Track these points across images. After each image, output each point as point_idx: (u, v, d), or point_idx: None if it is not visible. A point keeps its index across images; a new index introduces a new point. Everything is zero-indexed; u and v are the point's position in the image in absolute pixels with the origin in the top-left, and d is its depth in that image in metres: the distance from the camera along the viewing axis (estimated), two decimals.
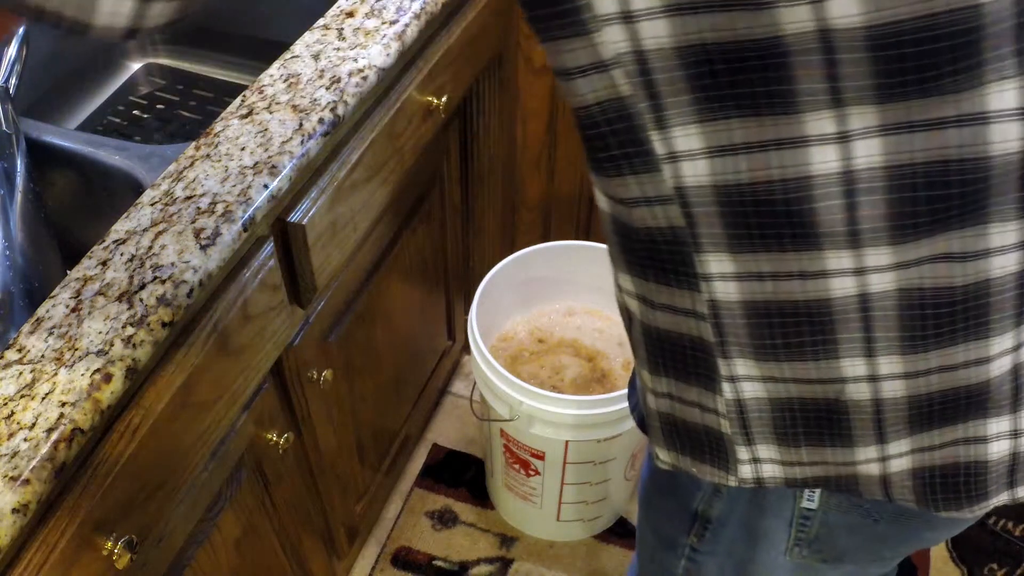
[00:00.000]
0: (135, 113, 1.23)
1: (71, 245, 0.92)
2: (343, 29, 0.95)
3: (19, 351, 0.67)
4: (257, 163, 0.80)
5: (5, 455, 0.60)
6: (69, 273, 0.72)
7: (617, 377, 1.38)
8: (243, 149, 0.82)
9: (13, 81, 0.98)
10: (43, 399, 0.63)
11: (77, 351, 0.66)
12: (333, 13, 0.98)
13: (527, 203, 1.58)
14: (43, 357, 0.66)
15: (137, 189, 0.88)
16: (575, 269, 1.40)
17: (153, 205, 0.77)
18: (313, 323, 0.97)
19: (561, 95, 0.50)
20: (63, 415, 0.62)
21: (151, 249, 0.73)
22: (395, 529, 1.49)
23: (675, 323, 0.54)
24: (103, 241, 0.74)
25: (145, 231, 0.75)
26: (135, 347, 0.67)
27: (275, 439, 0.94)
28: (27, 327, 0.68)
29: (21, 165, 0.90)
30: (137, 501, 0.71)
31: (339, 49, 0.93)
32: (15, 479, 0.59)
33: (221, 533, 0.91)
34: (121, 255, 0.73)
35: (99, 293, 0.70)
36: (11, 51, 1.00)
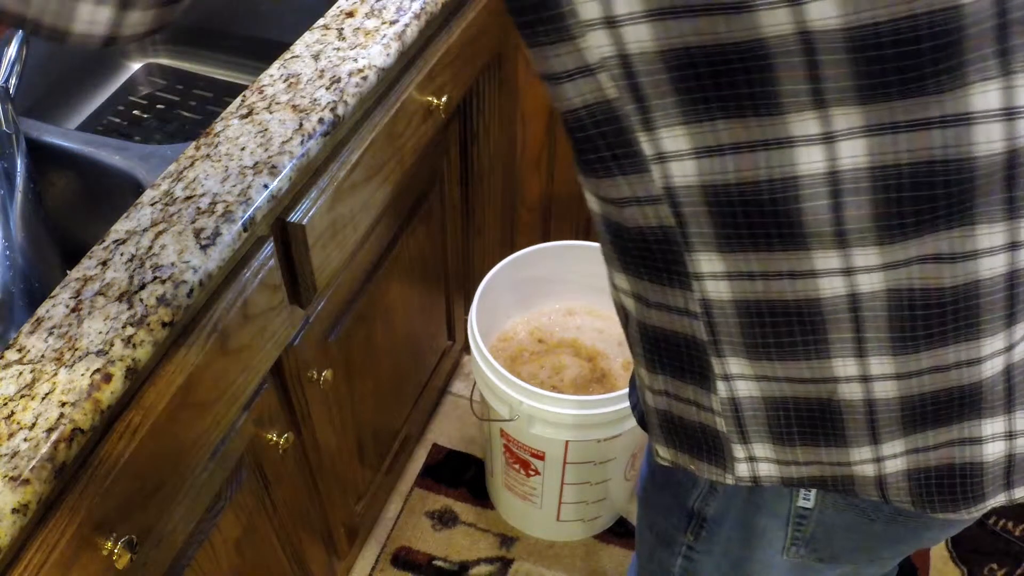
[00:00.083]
0: (135, 113, 1.23)
1: (71, 245, 0.92)
2: (343, 29, 0.95)
3: (19, 351, 0.67)
4: (257, 163, 0.80)
5: (5, 455, 0.60)
6: (69, 273, 0.72)
7: (617, 377, 1.38)
8: (243, 149, 0.82)
9: (13, 81, 0.98)
10: (43, 399, 0.63)
11: (77, 351, 0.66)
12: (333, 13, 0.98)
13: (527, 203, 1.58)
14: (43, 357, 0.66)
15: (137, 189, 0.88)
16: (575, 269, 1.40)
17: (153, 205, 0.77)
18: (313, 323, 0.97)
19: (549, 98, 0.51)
20: (63, 415, 0.62)
21: (151, 249, 0.73)
22: (395, 529, 1.49)
23: (669, 321, 0.54)
24: (103, 241, 0.74)
25: (145, 231, 0.75)
26: (135, 347, 0.67)
27: (275, 439, 0.94)
28: (27, 327, 0.68)
29: (21, 165, 0.90)
30: (137, 501, 0.71)
31: (339, 49, 0.93)
32: (15, 479, 0.59)
33: (221, 533, 0.91)
34: (121, 255, 0.73)
35: (99, 293, 0.70)
36: (11, 51, 1.00)
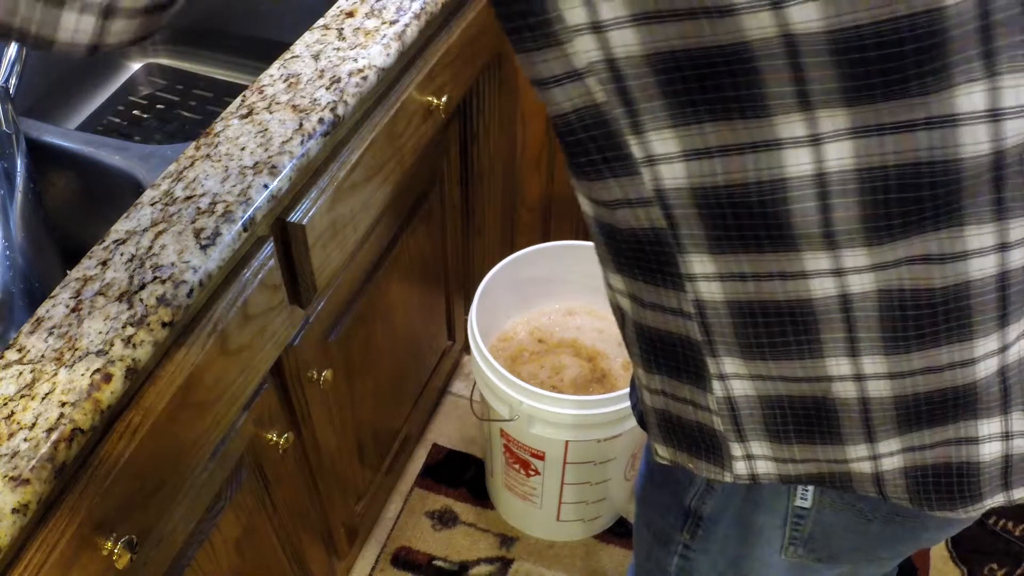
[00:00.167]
0: (135, 113, 1.23)
1: (71, 245, 0.92)
2: (343, 29, 0.95)
3: (19, 351, 0.67)
4: (257, 163, 0.80)
5: (5, 455, 0.60)
6: (69, 273, 0.72)
7: (617, 377, 1.38)
8: (243, 149, 0.82)
9: (13, 81, 0.98)
10: (43, 399, 0.63)
11: (77, 351, 0.66)
12: (333, 13, 0.98)
13: (527, 203, 1.58)
14: (43, 357, 0.66)
15: (137, 189, 0.88)
16: (575, 269, 1.40)
17: (153, 205, 0.77)
18: (313, 323, 0.97)
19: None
20: (63, 415, 0.62)
21: (151, 249, 0.73)
22: (395, 529, 1.49)
23: (664, 322, 0.54)
24: (103, 241, 0.74)
25: (145, 231, 0.75)
26: (135, 347, 0.67)
27: (275, 439, 0.94)
28: (27, 327, 0.68)
29: (21, 165, 0.90)
30: (137, 501, 0.71)
31: (339, 49, 0.93)
32: (15, 479, 0.59)
33: (221, 533, 0.91)
34: (121, 255, 0.73)
35: (99, 293, 0.70)
36: (11, 51, 1.00)
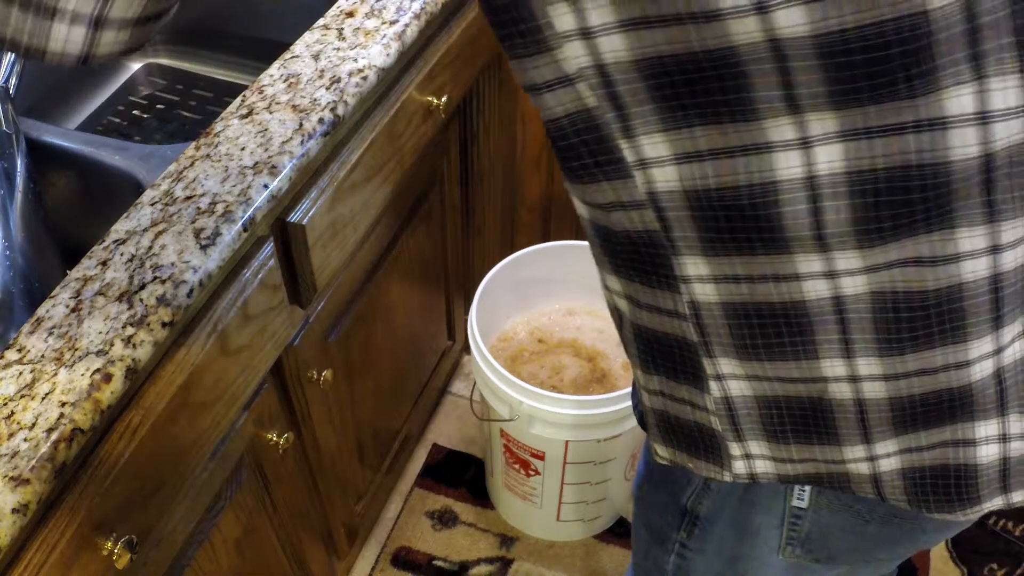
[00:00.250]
0: (135, 113, 1.23)
1: (71, 245, 0.92)
2: (343, 29, 0.95)
3: (19, 351, 0.67)
4: (257, 163, 0.80)
5: (5, 455, 0.60)
6: (69, 273, 0.72)
7: (617, 377, 1.38)
8: (243, 149, 0.82)
9: (13, 81, 0.98)
10: (43, 399, 0.63)
11: (77, 351, 0.66)
12: (333, 13, 0.98)
13: (527, 203, 1.58)
14: (43, 357, 0.66)
15: (137, 189, 0.88)
16: (575, 269, 1.40)
17: (153, 205, 0.77)
18: (313, 323, 0.97)
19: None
20: (63, 415, 0.62)
21: (151, 249, 0.73)
22: (395, 529, 1.49)
23: (660, 323, 0.55)
24: (103, 241, 0.74)
25: (145, 231, 0.75)
26: (135, 347, 0.67)
27: (275, 439, 0.94)
28: (27, 327, 0.68)
29: (21, 165, 0.90)
30: (137, 501, 0.71)
31: (339, 49, 0.93)
32: (15, 479, 0.59)
33: (221, 533, 0.91)
34: (121, 255, 0.73)
35: (99, 293, 0.70)
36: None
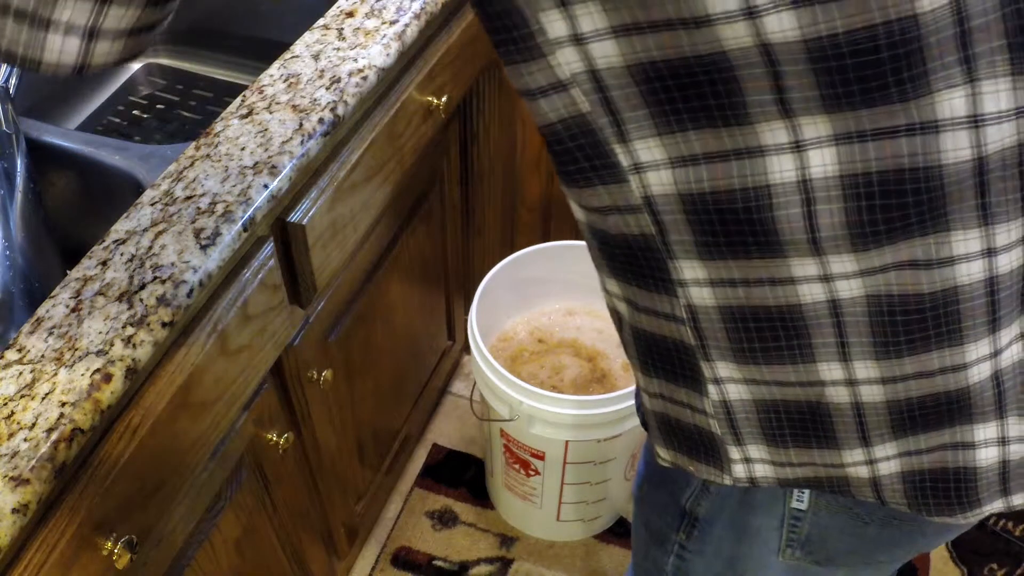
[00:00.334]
0: (135, 113, 1.23)
1: (71, 245, 0.92)
2: (343, 29, 0.95)
3: (19, 351, 0.67)
4: (257, 163, 0.80)
5: (5, 455, 0.60)
6: (69, 273, 0.72)
7: (617, 377, 1.38)
8: (243, 149, 0.82)
9: (13, 81, 0.98)
10: (43, 399, 0.63)
11: (77, 351, 0.66)
12: (333, 13, 0.98)
13: (527, 203, 1.58)
14: (43, 357, 0.66)
15: (137, 189, 0.88)
16: (575, 269, 1.40)
17: (153, 205, 0.77)
18: (313, 323, 0.97)
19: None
20: (63, 415, 0.62)
21: (151, 249, 0.73)
22: (395, 529, 1.49)
23: (658, 326, 0.55)
24: (103, 241, 0.74)
25: (145, 231, 0.75)
26: (135, 347, 0.67)
27: (275, 439, 0.94)
28: (27, 327, 0.68)
29: (21, 165, 0.90)
30: (137, 501, 0.71)
31: (339, 49, 0.93)
32: (15, 479, 0.59)
33: (221, 533, 0.91)
34: (121, 255, 0.73)
35: (99, 293, 0.70)
36: None
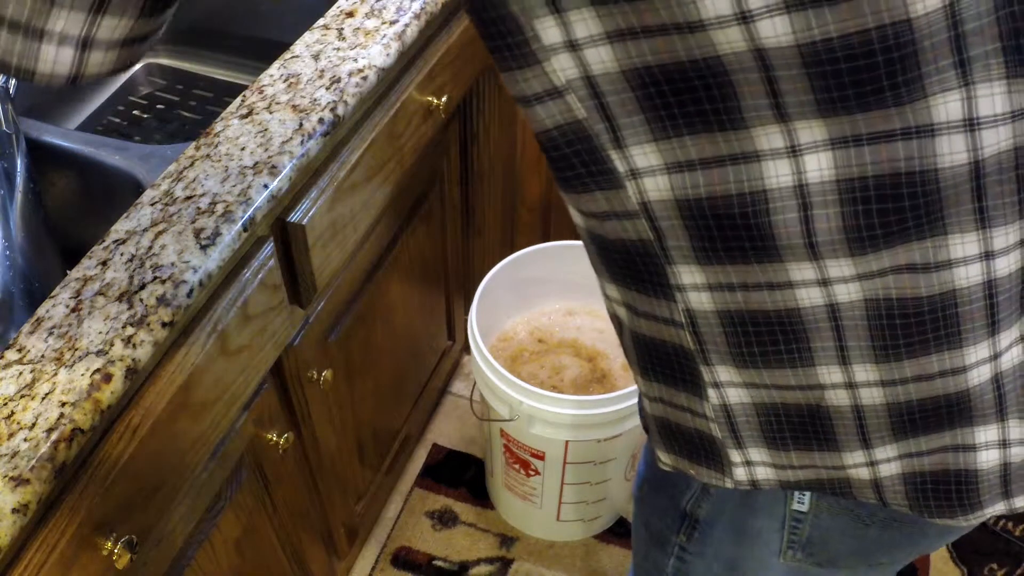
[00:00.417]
0: (135, 113, 1.23)
1: (71, 245, 0.92)
2: (343, 29, 0.95)
3: (19, 351, 0.67)
4: (257, 163, 0.80)
5: (5, 455, 0.60)
6: (69, 273, 0.72)
7: (617, 377, 1.38)
8: (243, 149, 0.82)
9: (13, 81, 0.98)
10: (43, 399, 0.63)
11: (77, 351, 0.66)
12: (333, 13, 0.98)
13: (527, 203, 1.58)
14: (43, 357, 0.66)
15: (137, 189, 0.88)
16: (575, 269, 1.40)
17: (153, 205, 0.77)
18: (313, 323, 0.97)
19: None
20: (63, 415, 0.62)
21: (151, 249, 0.73)
22: (395, 529, 1.49)
23: (658, 330, 0.55)
24: (103, 241, 0.74)
25: (145, 231, 0.75)
26: (135, 347, 0.67)
27: (275, 439, 0.94)
28: (27, 327, 0.68)
29: (21, 165, 0.90)
30: (137, 501, 0.71)
31: (339, 49, 0.93)
32: (15, 479, 0.59)
33: (221, 533, 0.91)
34: (121, 255, 0.73)
35: (99, 293, 0.70)
36: None
